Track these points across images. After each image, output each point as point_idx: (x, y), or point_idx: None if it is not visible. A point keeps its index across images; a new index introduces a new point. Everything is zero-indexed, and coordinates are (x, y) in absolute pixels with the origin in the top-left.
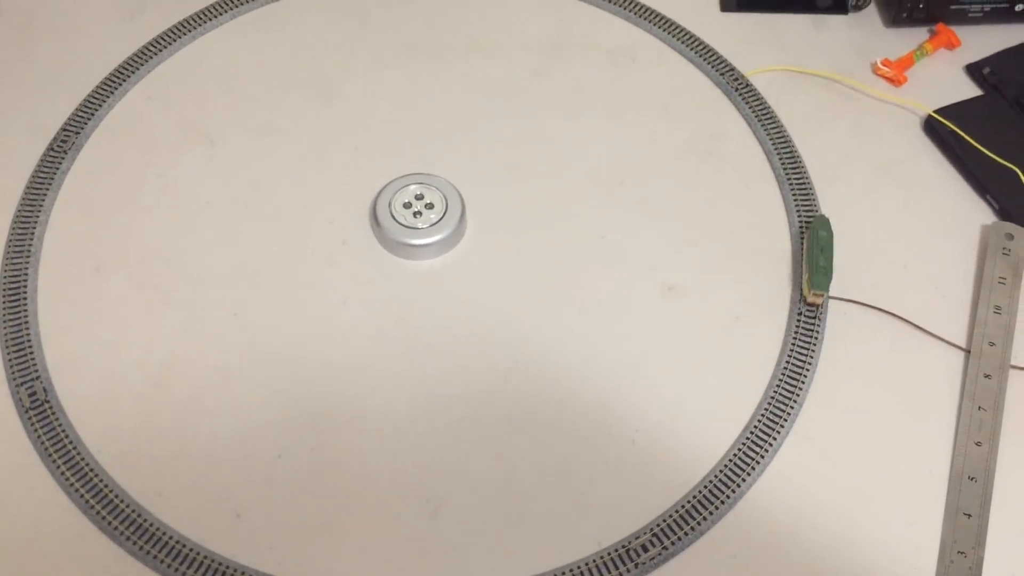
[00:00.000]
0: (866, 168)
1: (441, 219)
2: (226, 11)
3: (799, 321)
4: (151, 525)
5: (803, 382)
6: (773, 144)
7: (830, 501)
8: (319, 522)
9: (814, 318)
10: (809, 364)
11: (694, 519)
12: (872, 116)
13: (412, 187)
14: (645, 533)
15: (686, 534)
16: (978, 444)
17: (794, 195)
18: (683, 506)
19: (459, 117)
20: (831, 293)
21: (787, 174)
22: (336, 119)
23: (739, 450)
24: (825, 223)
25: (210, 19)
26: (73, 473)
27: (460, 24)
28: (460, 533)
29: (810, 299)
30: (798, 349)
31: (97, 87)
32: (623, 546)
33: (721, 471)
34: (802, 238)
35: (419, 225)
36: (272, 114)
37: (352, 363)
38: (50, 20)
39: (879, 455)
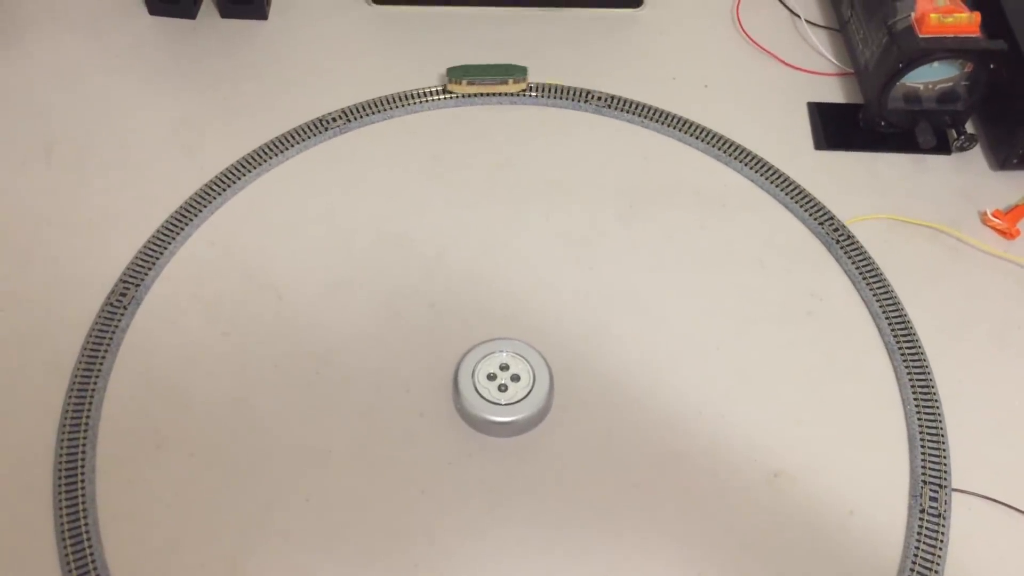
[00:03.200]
0: (981, 335)
1: (528, 394)
2: (291, 145)
3: (922, 519)
4: None
5: None
6: (880, 306)
7: None
8: None
9: (938, 516)
10: (936, 571)
11: None
12: (984, 273)
13: (497, 355)
14: None
15: None
16: None
17: (906, 366)
18: None
19: (540, 270)
20: (954, 485)
21: (897, 342)
22: (410, 270)
23: None
24: (454, 67)
25: (274, 155)
26: None
27: (539, 163)
28: None
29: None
30: (923, 553)
31: (157, 232)
32: None
33: None
34: (447, 92)
35: (503, 401)
36: (341, 262)
37: (433, 556)
38: (105, 158)
39: None
